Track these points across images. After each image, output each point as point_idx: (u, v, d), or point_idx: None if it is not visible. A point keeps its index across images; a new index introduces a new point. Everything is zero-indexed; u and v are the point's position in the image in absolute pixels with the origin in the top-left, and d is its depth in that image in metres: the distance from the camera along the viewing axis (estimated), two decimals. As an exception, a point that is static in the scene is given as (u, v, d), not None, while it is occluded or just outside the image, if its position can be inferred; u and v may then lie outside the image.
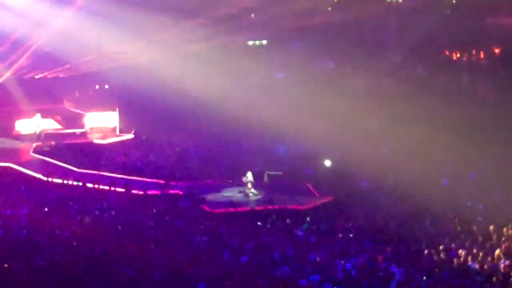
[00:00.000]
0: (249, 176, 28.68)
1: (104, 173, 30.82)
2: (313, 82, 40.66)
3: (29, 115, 36.44)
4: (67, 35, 38.89)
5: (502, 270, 17.68)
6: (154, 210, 25.41)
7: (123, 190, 27.93)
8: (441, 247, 19.39)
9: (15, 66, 38.11)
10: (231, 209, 25.93)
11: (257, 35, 46.63)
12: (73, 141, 36.06)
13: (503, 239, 20.03)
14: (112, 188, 28.12)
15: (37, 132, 35.26)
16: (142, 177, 30.52)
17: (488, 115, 33.78)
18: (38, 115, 35.56)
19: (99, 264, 18.76)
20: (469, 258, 18.38)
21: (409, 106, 36.15)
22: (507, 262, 17.89)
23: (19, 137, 36.23)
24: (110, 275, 18.11)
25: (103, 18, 39.78)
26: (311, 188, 28.92)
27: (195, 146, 35.23)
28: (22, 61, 38.20)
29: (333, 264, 18.75)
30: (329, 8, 45.05)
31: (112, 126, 37.81)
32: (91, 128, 37.66)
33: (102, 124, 37.91)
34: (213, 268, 18.52)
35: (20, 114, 37.41)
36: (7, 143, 35.58)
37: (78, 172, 30.81)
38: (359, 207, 25.44)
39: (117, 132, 37.47)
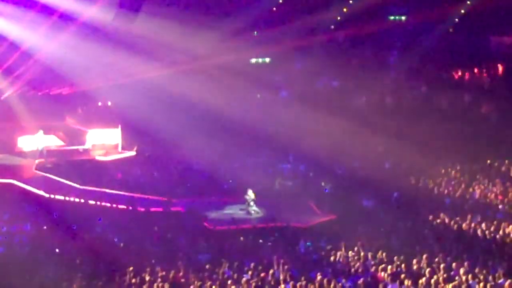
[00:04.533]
0: (251, 193, 28.68)
1: (106, 190, 30.87)
2: (316, 100, 40.63)
3: (32, 131, 36.45)
4: (70, 52, 38.78)
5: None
6: (156, 228, 25.42)
7: (125, 207, 27.91)
8: (442, 266, 19.28)
9: (18, 83, 38.10)
10: (233, 227, 25.89)
11: (260, 53, 46.56)
12: (75, 158, 36.07)
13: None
14: (114, 205, 28.11)
15: (40, 148, 35.28)
16: (144, 194, 30.54)
17: (492, 131, 33.73)
18: (41, 131, 35.61)
19: (101, 281, 18.73)
20: (470, 277, 18.26)
21: (411, 123, 36.19)
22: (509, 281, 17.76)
23: (21, 154, 36.20)
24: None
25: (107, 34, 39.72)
26: (313, 206, 28.86)
27: (198, 163, 35.19)
28: (25, 77, 38.17)
29: (334, 282, 18.68)
30: (332, 27, 45.09)
31: (115, 143, 37.77)
32: (93, 145, 37.59)
33: (105, 141, 37.85)
34: (215, 285, 18.49)
35: (23, 131, 37.39)
36: (9, 159, 35.55)
37: (81, 189, 30.84)
38: (361, 225, 25.38)
39: (119, 149, 37.46)
